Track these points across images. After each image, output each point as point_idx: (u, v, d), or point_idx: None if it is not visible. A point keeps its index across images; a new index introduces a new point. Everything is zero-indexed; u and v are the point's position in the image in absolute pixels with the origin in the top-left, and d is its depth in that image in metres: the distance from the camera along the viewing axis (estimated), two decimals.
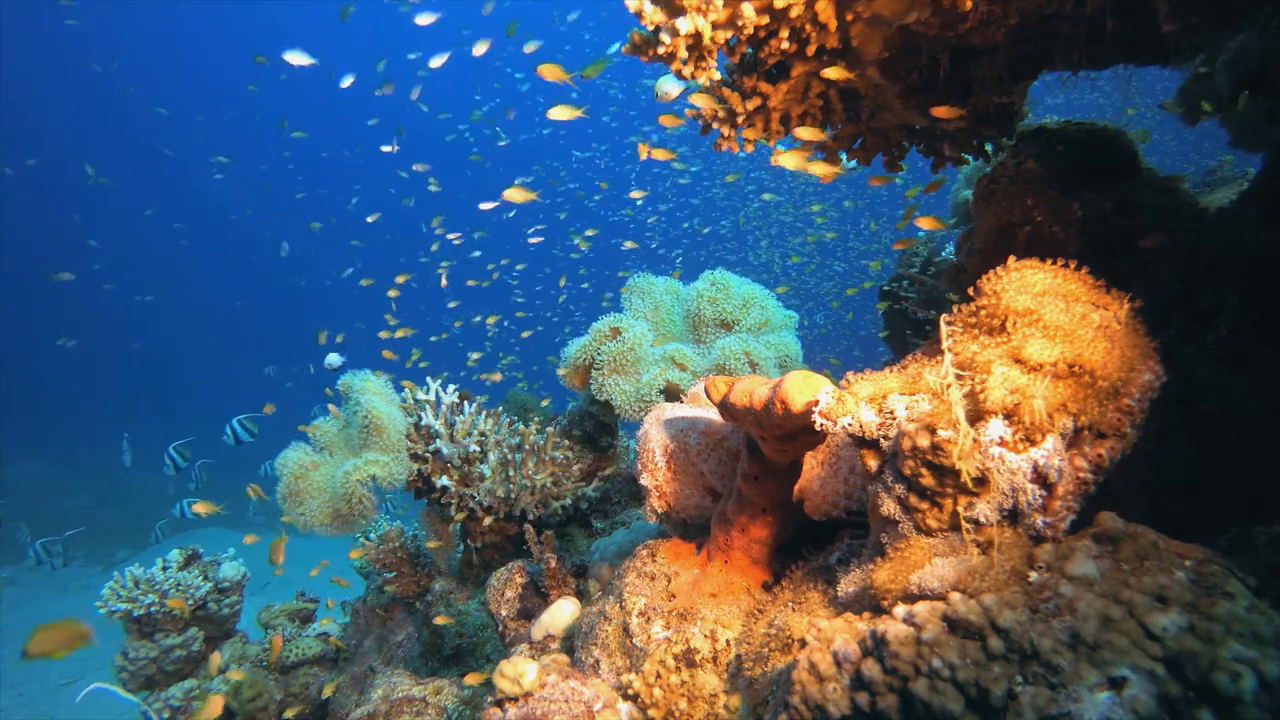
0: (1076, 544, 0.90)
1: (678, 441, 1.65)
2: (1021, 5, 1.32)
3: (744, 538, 1.45)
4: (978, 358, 0.99)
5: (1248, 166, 2.62)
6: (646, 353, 2.65)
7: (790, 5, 1.28)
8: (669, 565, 1.57)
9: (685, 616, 1.45)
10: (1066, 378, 0.95)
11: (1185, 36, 1.30)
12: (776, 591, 1.39)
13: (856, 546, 1.32)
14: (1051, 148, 1.62)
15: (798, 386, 1.14)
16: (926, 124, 1.63)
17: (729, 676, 1.34)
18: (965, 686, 0.80)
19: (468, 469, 2.69)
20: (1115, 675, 0.75)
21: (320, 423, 2.75)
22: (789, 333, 2.83)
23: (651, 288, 3.01)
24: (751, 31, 1.31)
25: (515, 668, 1.42)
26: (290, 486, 2.54)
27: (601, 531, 2.83)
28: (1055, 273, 1.07)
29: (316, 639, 3.40)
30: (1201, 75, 2.28)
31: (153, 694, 3.21)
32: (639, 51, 1.36)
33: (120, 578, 3.20)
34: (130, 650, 3.21)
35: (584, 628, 1.67)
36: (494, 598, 2.23)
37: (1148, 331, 1.04)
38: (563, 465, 2.77)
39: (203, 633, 3.34)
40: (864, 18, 1.35)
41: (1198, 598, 0.78)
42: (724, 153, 1.62)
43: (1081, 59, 1.46)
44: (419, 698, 2.15)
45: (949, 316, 1.10)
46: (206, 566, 3.46)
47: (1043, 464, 0.91)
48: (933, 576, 0.92)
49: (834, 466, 1.34)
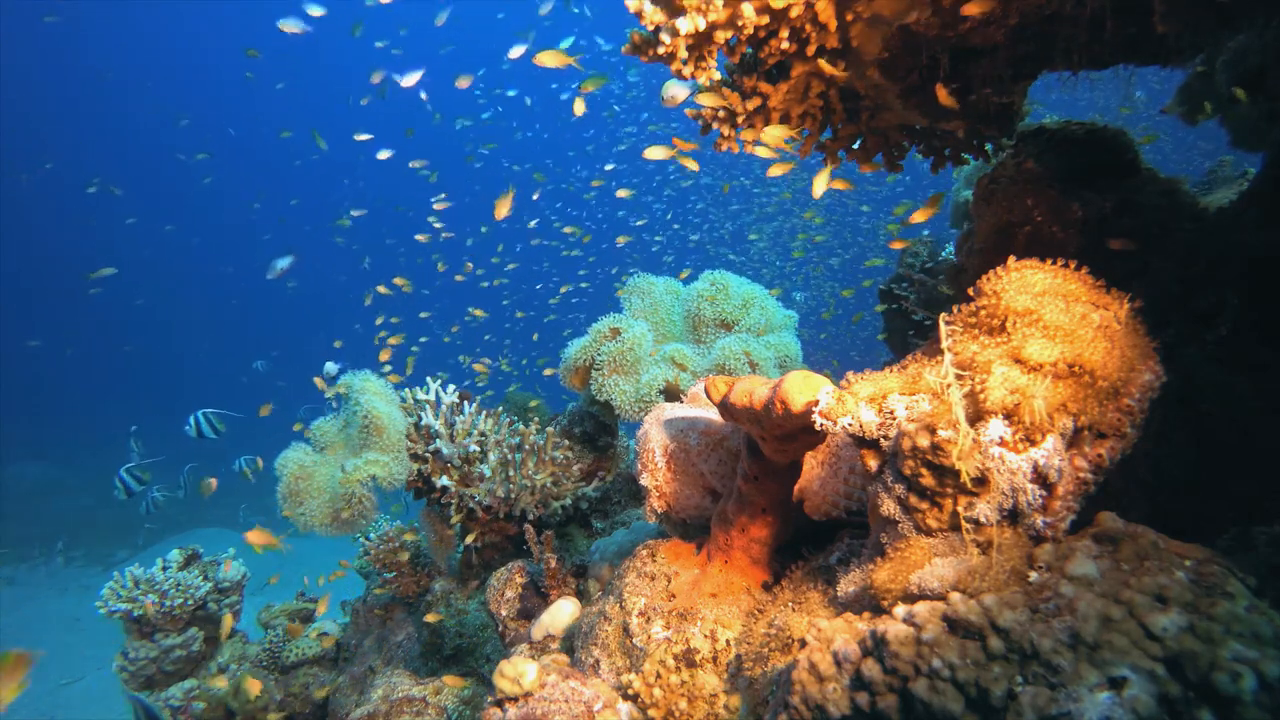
0: (1076, 544, 0.90)
1: (678, 441, 1.65)
2: (1021, 5, 1.32)
3: (744, 538, 1.45)
4: (978, 358, 0.99)
5: (1248, 166, 2.61)
6: (646, 353, 2.65)
7: (790, 5, 1.28)
8: (669, 565, 1.57)
9: (685, 616, 1.45)
10: (1066, 378, 0.95)
11: (1184, 36, 1.30)
12: (776, 591, 1.39)
13: (856, 546, 1.32)
14: (1051, 148, 1.62)
15: (798, 386, 1.14)
16: (926, 124, 1.63)
17: (729, 676, 1.34)
18: (965, 686, 0.80)
19: (468, 469, 2.69)
20: (1115, 675, 0.75)
21: (320, 422, 2.75)
22: (789, 333, 2.83)
23: (651, 288, 3.01)
24: (751, 31, 1.31)
25: (515, 668, 1.42)
26: (290, 487, 2.54)
27: (601, 531, 2.83)
28: (1055, 273, 1.07)
29: (317, 639, 3.40)
30: (1202, 74, 2.28)
31: (153, 694, 3.21)
32: (639, 51, 1.36)
33: (120, 578, 3.20)
34: (130, 650, 3.21)
35: (584, 628, 1.67)
36: (494, 598, 2.23)
37: (1148, 331, 1.04)
38: (563, 465, 2.77)
39: (203, 633, 3.34)
40: (864, 18, 1.35)
41: (1198, 598, 0.78)
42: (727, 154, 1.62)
43: (1081, 59, 1.46)
44: (419, 698, 2.15)
45: (948, 316, 1.10)
46: (206, 566, 3.46)
47: (1043, 464, 0.91)
48: (933, 576, 0.92)
49: (834, 466, 1.34)
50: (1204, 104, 2.27)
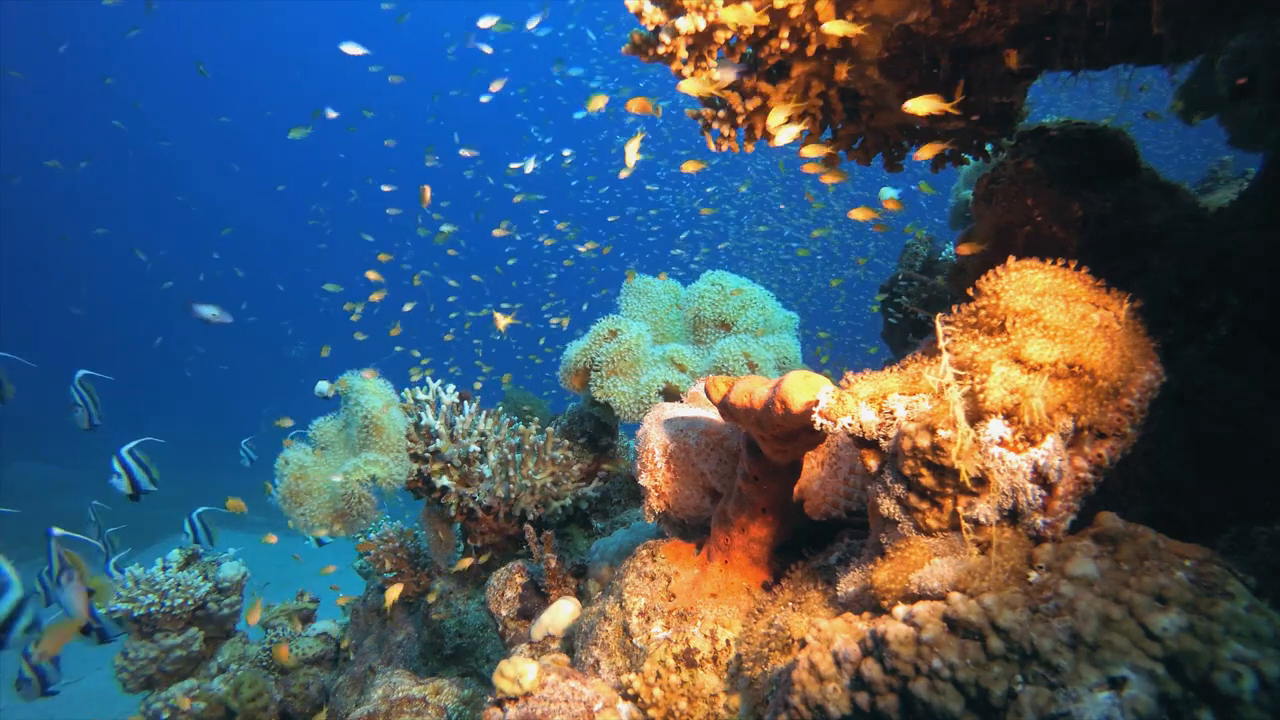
0: (1076, 544, 0.90)
1: (677, 441, 1.65)
2: (1021, 5, 1.32)
3: (744, 538, 1.45)
4: (977, 358, 0.99)
5: (1248, 166, 2.62)
6: (646, 354, 2.65)
7: (790, 5, 1.28)
8: (669, 565, 1.57)
9: (685, 616, 1.45)
10: (1066, 378, 0.95)
11: (1183, 36, 1.30)
12: (776, 591, 1.39)
13: (856, 546, 1.32)
14: (1051, 148, 1.62)
15: (798, 386, 1.14)
16: (926, 124, 1.63)
17: (729, 676, 1.34)
18: (965, 686, 0.80)
19: (468, 469, 2.69)
20: (1115, 675, 0.75)
21: (320, 422, 2.75)
22: (789, 334, 2.83)
23: (650, 288, 3.01)
24: (751, 31, 1.31)
25: (515, 668, 1.42)
26: (290, 487, 2.54)
27: (601, 531, 2.83)
28: (1055, 273, 1.07)
29: (317, 639, 3.40)
30: (1202, 74, 2.28)
31: (153, 694, 3.21)
32: (639, 51, 1.37)
33: (120, 577, 3.20)
34: (130, 650, 3.21)
35: (584, 628, 1.67)
36: (494, 598, 2.22)
37: (1148, 331, 1.04)
38: (563, 465, 2.77)
39: (203, 633, 3.34)
40: (864, 18, 1.35)
41: (1198, 598, 0.78)
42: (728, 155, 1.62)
43: (1081, 59, 1.46)
44: (419, 698, 2.15)
45: (945, 316, 1.10)
46: (206, 566, 3.46)
47: (1043, 464, 0.91)
48: (933, 576, 0.92)
49: (834, 466, 1.34)
50: (1200, 106, 2.28)
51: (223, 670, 3.29)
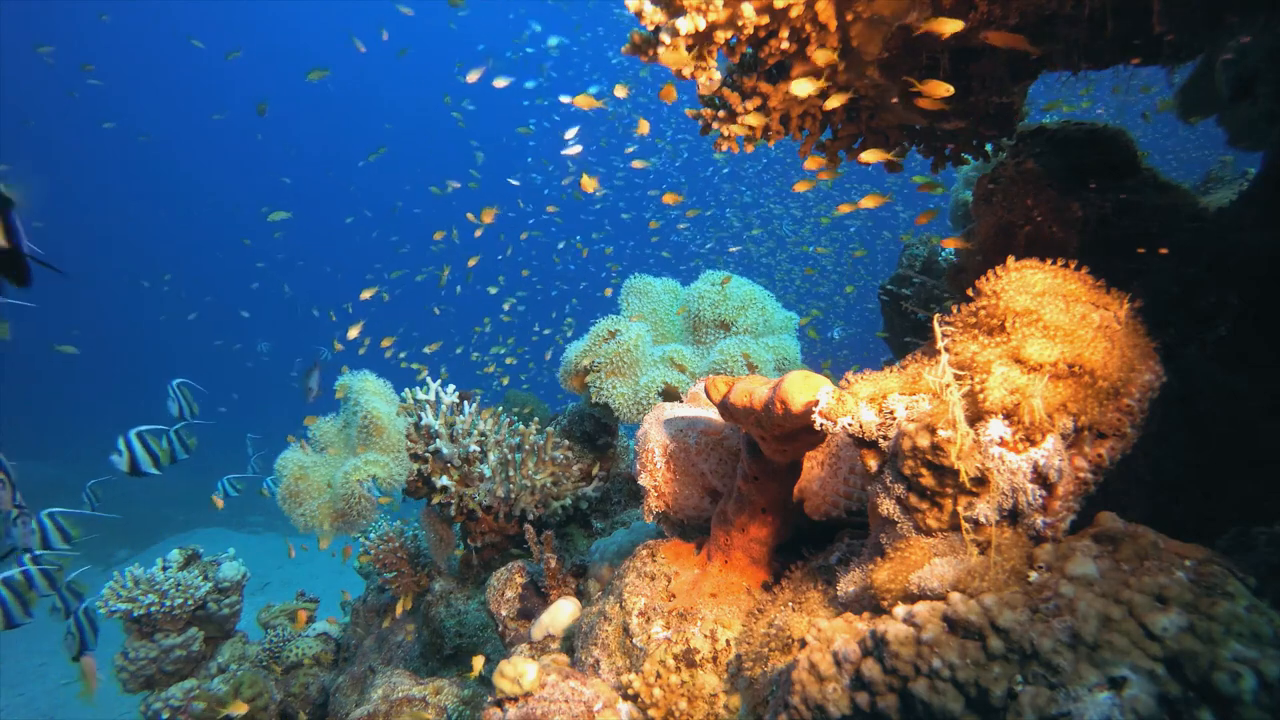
0: (1076, 544, 0.90)
1: (677, 441, 1.65)
2: (1021, 5, 1.32)
3: (744, 537, 1.45)
4: (977, 358, 0.99)
5: (1248, 166, 2.61)
6: (645, 354, 2.65)
7: (790, 5, 1.28)
8: (669, 565, 1.57)
9: (685, 616, 1.45)
10: (1066, 378, 0.95)
11: (1183, 36, 1.30)
12: (776, 591, 1.39)
13: (856, 546, 1.32)
14: (1051, 148, 1.62)
15: (798, 386, 1.14)
16: (926, 124, 1.63)
17: (729, 676, 1.34)
18: (965, 686, 0.80)
19: (468, 469, 2.69)
20: (1115, 675, 0.75)
21: (320, 422, 2.75)
22: (789, 335, 2.83)
23: (649, 288, 3.00)
24: (751, 31, 1.31)
25: (515, 668, 1.42)
26: (290, 487, 2.54)
27: (601, 531, 2.83)
28: (1055, 273, 1.07)
29: (316, 639, 3.40)
30: (1202, 74, 2.28)
31: (153, 694, 3.21)
32: (639, 51, 1.36)
33: (120, 578, 3.20)
34: (130, 650, 3.20)
35: (584, 628, 1.67)
36: (494, 598, 2.22)
37: (1148, 331, 1.04)
38: (563, 465, 2.77)
39: (203, 633, 3.34)
40: (864, 18, 1.35)
41: (1198, 598, 0.78)
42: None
43: (1081, 59, 1.46)
44: (419, 698, 2.15)
45: (944, 316, 1.10)
46: (206, 566, 3.45)
47: (1043, 464, 0.91)
48: (933, 576, 0.92)
49: (834, 466, 1.34)
50: (1200, 106, 2.27)
51: (223, 670, 3.29)
